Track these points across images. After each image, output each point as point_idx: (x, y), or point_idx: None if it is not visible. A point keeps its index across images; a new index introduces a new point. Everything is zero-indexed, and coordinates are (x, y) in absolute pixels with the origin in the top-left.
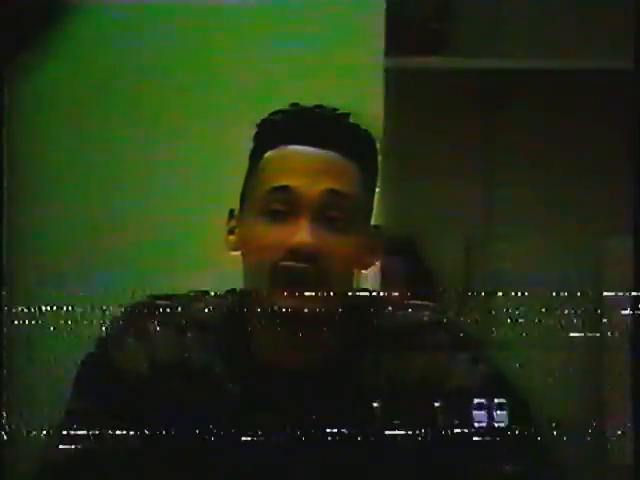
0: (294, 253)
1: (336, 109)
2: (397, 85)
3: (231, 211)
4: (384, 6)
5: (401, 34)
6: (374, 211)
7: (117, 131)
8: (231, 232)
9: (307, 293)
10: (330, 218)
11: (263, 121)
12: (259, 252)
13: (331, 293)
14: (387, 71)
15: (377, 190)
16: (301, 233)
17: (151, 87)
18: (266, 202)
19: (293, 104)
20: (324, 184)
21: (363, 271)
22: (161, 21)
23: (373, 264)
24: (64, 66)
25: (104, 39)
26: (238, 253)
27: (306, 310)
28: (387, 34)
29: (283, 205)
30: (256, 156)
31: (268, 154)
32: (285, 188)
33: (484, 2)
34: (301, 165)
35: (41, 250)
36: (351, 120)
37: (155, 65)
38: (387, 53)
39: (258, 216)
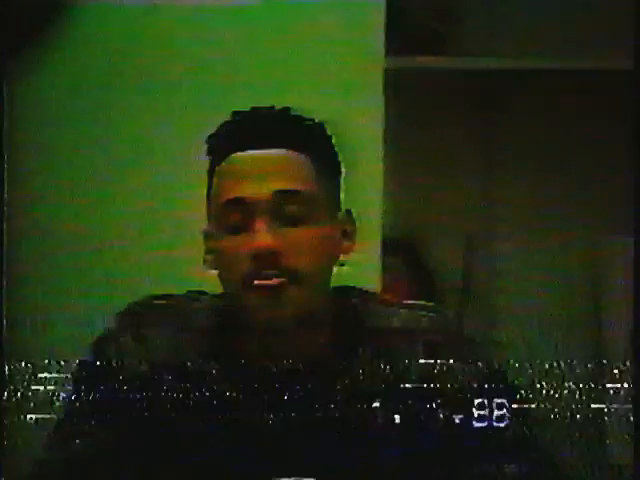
0: (257, 258)
1: (273, 107)
2: (397, 85)
3: (205, 232)
4: (384, 6)
5: (401, 34)
6: (342, 198)
7: (118, 130)
8: (208, 252)
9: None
10: (286, 217)
11: (210, 136)
12: (229, 267)
13: (319, 293)
14: (387, 71)
15: (342, 175)
16: (259, 237)
17: (152, 86)
18: (224, 216)
19: (233, 112)
20: (273, 186)
21: (343, 257)
22: (161, 20)
23: (351, 249)
24: (64, 66)
25: (104, 39)
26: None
27: (282, 310)
28: (387, 34)
29: (239, 216)
30: (211, 171)
31: (219, 167)
32: (237, 200)
33: (484, 2)
34: (247, 172)
35: (39, 251)
36: (292, 113)
37: (155, 65)
38: (387, 53)
39: (221, 231)
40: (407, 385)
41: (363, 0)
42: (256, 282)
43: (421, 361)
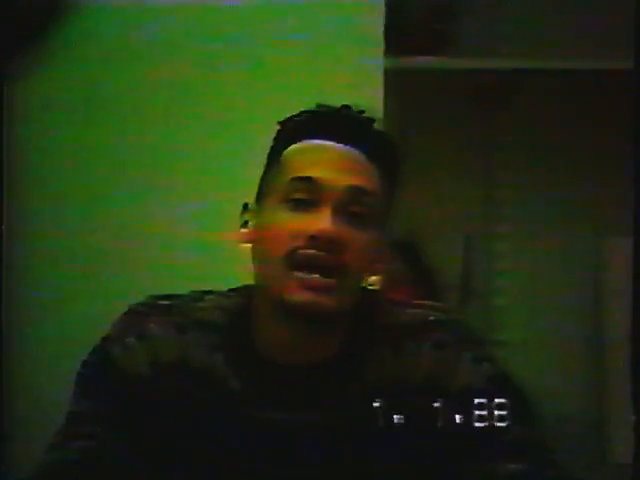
0: (315, 240)
1: (363, 111)
2: (397, 85)
3: (245, 205)
4: (384, 6)
5: (401, 34)
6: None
7: (119, 130)
8: (244, 225)
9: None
10: (352, 213)
11: (286, 119)
12: (277, 239)
13: (352, 295)
14: (387, 71)
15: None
16: (323, 222)
17: (152, 86)
18: (288, 191)
19: (319, 105)
20: (349, 179)
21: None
22: (162, 20)
23: (382, 270)
24: (64, 66)
25: (105, 38)
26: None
27: (318, 305)
28: (387, 34)
29: (306, 195)
30: (277, 152)
31: (291, 148)
32: (308, 179)
33: (484, 2)
34: (326, 158)
35: (40, 250)
36: (376, 125)
37: (156, 65)
38: (387, 53)
39: (278, 205)
40: (412, 382)
41: (363, 0)
42: (305, 265)
43: (428, 359)
